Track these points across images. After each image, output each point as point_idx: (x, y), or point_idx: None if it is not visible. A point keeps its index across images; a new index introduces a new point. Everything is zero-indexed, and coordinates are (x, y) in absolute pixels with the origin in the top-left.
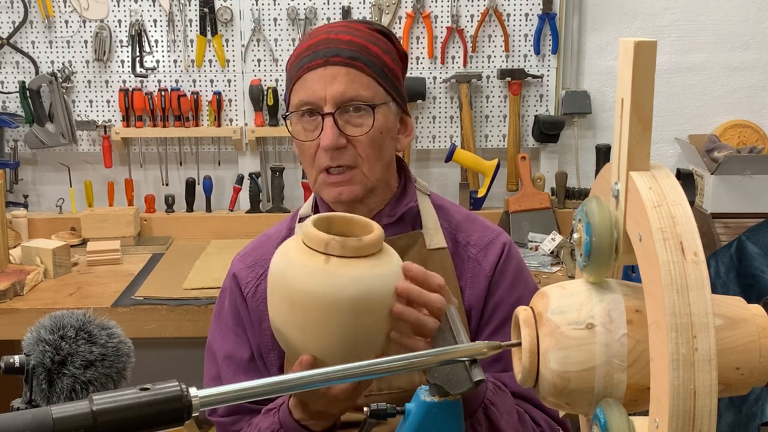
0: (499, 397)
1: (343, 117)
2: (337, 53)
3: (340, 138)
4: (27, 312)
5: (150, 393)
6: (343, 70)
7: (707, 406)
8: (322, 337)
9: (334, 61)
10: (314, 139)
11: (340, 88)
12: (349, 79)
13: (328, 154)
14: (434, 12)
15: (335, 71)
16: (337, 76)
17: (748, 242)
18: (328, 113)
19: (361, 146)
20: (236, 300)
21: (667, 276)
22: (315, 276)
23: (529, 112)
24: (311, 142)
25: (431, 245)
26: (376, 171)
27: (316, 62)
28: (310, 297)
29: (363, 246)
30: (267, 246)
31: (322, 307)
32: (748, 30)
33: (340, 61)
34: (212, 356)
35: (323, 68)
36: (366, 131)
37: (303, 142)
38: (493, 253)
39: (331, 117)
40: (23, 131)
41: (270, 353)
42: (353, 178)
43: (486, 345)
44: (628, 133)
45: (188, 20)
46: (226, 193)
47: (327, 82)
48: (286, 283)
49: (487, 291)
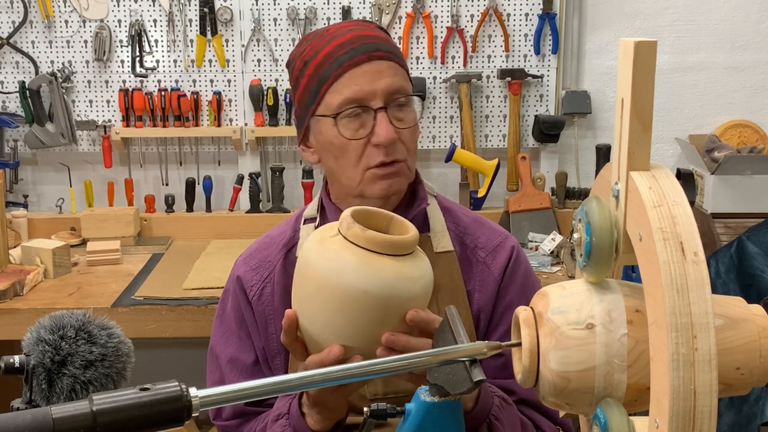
0: (504, 412)
1: (391, 111)
2: (377, 48)
3: (395, 132)
4: (27, 312)
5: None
6: (385, 64)
7: (707, 406)
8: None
9: (377, 56)
10: (365, 137)
11: (389, 81)
12: (393, 72)
13: (382, 150)
14: (434, 12)
15: (380, 65)
16: (382, 70)
17: (748, 242)
18: (381, 108)
19: (406, 139)
20: (240, 303)
21: (667, 276)
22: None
23: (529, 112)
24: (359, 141)
25: (438, 248)
26: (413, 163)
27: (359, 58)
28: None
29: (406, 244)
30: (271, 248)
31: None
32: (748, 30)
33: (382, 55)
34: (215, 360)
35: (368, 63)
36: (411, 124)
37: (349, 141)
38: (501, 256)
39: (384, 111)
40: (23, 131)
41: (276, 357)
42: (401, 170)
43: (486, 345)
44: (628, 133)
45: (188, 20)
46: (226, 193)
47: (374, 77)
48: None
49: (497, 294)
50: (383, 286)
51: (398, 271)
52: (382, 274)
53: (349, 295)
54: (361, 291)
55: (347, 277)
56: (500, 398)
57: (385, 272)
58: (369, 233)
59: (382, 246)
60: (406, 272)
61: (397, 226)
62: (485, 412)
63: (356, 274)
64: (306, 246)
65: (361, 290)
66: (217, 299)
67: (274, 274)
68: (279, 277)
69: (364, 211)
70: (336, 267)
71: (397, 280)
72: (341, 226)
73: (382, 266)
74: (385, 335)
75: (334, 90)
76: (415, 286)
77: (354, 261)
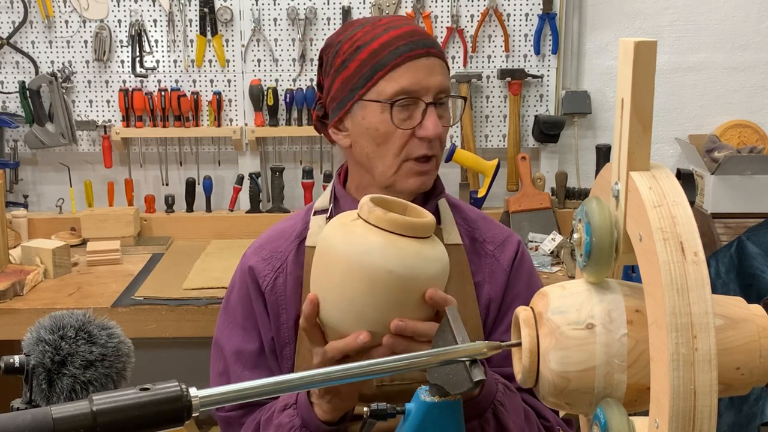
0: (508, 398)
1: (437, 108)
2: (433, 45)
3: (442, 128)
4: (27, 312)
5: (150, 393)
6: (438, 62)
7: (707, 406)
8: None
9: (434, 53)
10: (412, 128)
11: (440, 79)
12: (443, 71)
13: (426, 144)
14: (434, 12)
15: (434, 62)
16: (436, 67)
17: (748, 242)
18: (431, 103)
19: (442, 138)
20: (250, 293)
21: (667, 276)
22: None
23: (529, 112)
24: (405, 131)
25: (448, 241)
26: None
27: (418, 52)
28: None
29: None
30: (282, 239)
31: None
32: (748, 30)
33: (436, 53)
34: (219, 351)
35: (426, 58)
36: (449, 123)
37: (396, 129)
38: (509, 249)
39: (434, 106)
40: (23, 131)
41: (286, 347)
42: (434, 168)
43: (486, 345)
44: (628, 133)
45: (188, 20)
46: (226, 193)
47: (429, 73)
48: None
49: (506, 285)
50: (408, 266)
51: (420, 251)
52: (407, 255)
53: (375, 276)
54: (387, 271)
55: (373, 259)
56: (503, 385)
57: (409, 252)
58: (391, 215)
59: (404, 228)
60: (427, 253)
61: (414, 213)
62: (490, 397)
63: (381, 254)
64: (326, 232)
65: (387, 270)
66: (217, 299)
67: (287, 265)
68: (291, 268)
69: (381, 199)
70: (361, 249)
71: (420, 260)
72: (361, 211)
73: (405, 247)
74: (394, 322)
75: (390, 78)
76: (435, 266)
77: (379, 242)
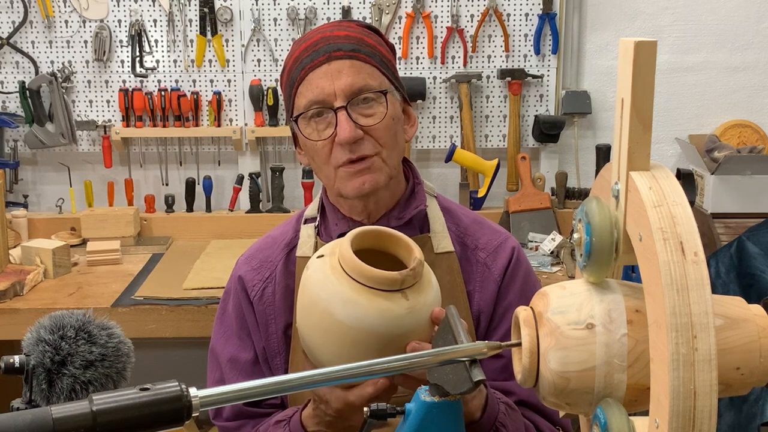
0: (510, 418)
1: (355, 110)
2: (338, 48)
3: (357, 130)
4: (27, 312)
5: (150, 393)
6: (347, 63)
7: (707, 406)
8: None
9: (337, 56)
10: (329, 137)
11: (348, 80)
12: (355, 70)
13: (346, 148)
14: (434, 12)
15: (340, 65)
16: (343, 69)
17: (748, 242)
18: (341, 107)
19: (377, 134)
20: (241, 303)
21: (667, 276)
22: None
23: (529, 112)
24: (325, 141)
25: (438, 249)
26: (393, 158)
27: (318, 60)
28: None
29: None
30: (272, 248)
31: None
32: (748, 30)
33: (342, 54)
34: (215, 360)
35: (327, 64)
36: (380, 119)
37: (316, 142)
38: (502, 257)
39: (344, 110)
40: (23, 131)
41: (276, 357)
42: (374, 165)
43: (486, 345)
44: (628, 133)
45: (188, 20)
46: (226, 193)
47: (333, 77)
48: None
49: (497, 295)
50: (387, 325)
51: (380, 308)
52: (366, 311)
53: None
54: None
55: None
56: (505, 404)
57: (368, 309)
58: (358, 265)
59: (371, 281)
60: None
61: (403, 248)
62: (492, 420)
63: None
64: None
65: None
66: (216, 299)
67: (276, 274)
68: (280, 277)
69: (365, 233)
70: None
71: (380, 318)
72: (342, 257)
73: (365, 303)
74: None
75: (300, 93)
76: (417, 318)
77: (342, 296)
